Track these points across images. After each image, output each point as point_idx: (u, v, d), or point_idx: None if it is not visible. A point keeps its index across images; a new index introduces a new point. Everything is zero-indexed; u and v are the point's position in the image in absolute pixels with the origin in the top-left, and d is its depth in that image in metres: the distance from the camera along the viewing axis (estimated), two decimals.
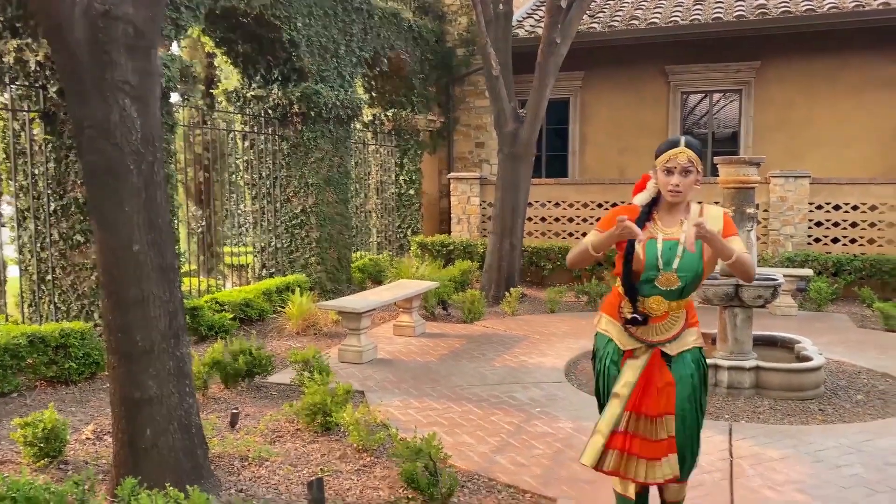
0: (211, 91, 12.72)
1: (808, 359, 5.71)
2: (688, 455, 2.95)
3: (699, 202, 3.01)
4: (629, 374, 2.89)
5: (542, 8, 13.66)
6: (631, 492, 3.04)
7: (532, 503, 3.69)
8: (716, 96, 12.68)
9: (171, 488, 2.90)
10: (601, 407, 3.03)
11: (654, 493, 3.19)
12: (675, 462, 2.88)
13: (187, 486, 2.86)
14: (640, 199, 2.92)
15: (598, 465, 2.89)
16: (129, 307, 3.50)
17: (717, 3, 12.49)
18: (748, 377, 5.49)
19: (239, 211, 12.45)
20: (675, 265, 2.80)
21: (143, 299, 3.50)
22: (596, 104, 13.15)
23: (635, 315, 2.87)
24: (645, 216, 2.88)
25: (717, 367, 5.54)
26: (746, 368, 5.49)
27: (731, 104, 12.62)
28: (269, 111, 9.45)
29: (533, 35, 12.46)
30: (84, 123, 3.41)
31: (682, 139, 2.86)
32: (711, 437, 4.53)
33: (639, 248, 2.80)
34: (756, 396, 5.48)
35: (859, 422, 4.95)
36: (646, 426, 2.85)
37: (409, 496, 3.67)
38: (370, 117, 12.69)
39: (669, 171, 2.83)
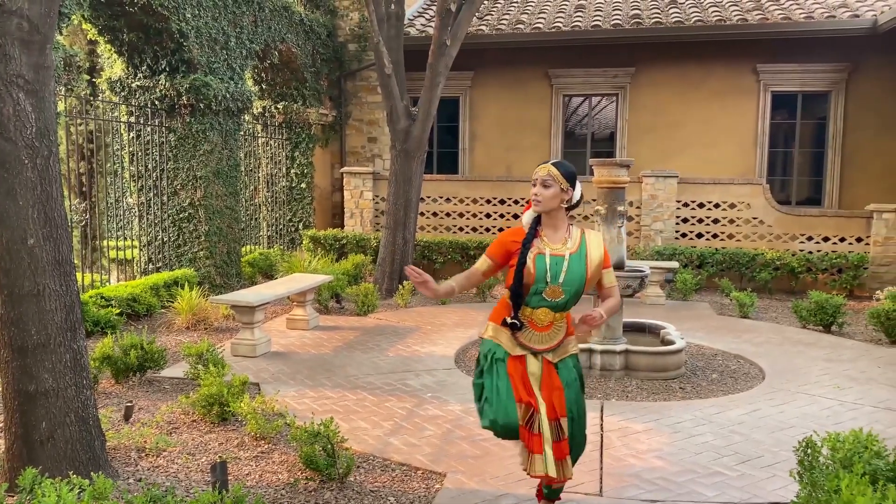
0: (93, 79, 12.22)
1: (671, 343, 6.32)
2: (580, 450, 3.31)
3: (580, 226, 3.35)
4: (535, 383, 3.19)
5: (433, 7, 14.01)
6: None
7: (423, 479, 3.98)
8: (595, 99, 13.45)
9: (75, 476, 2.97)
10: (478, 398, 3.25)
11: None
12: (569, 465, 3.18)
13: (92, 474, 2.94)
14: (526, 218, 3.29)
15: (535, 473, 3.14)
16: (24, 301, 3.50)
17: (596, 11, 13.25)
18: (619, 360, 6.03)
19: (123, 204, 12.04)
20: (561, 279, 3.14)
21: (38, 293, 3.51)
22: (485, 103, 13.63)
23: (514, 321, 3.18)
24: (532, 234, 3.22)
25: (591, 351, 6.05)
26: (617, 352, 6.03)
27: (610, 106, 13.43)
28: (157, 102, 9.25)
29: (424, 34, 12.77)
30: None
31: (552, 160, 3.28)
32: None
33: (530, 262, 3.14)
34: (626, 377, 6.02)
35: (713, 397, 5.56)
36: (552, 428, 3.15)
37: (309, 476, 3.87)
38: (260, 109, 12.59)
39: (534, 184, 3.22)
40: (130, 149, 9.50)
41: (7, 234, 3.46)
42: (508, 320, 3.19)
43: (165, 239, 9.62)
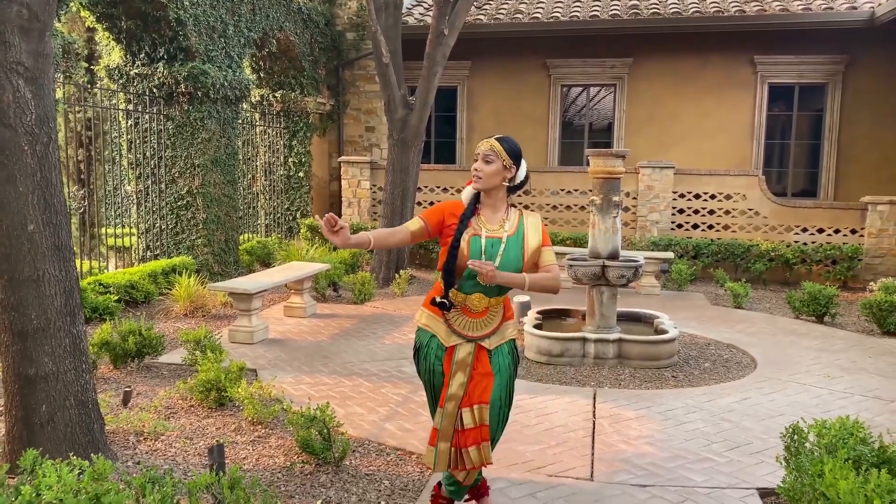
0: (91, 67, 12.22)
1: (664, 332, 6.38)
2: (496, 439, 3.13)
3: (519, 208, 3.16)
4: (461, 375, 3.02)
5: None
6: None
7: (418, 463, 4.04)
8: (593, 90, 13.46)
9: (75, 457, 3.03)
10: (432, 402, 3.15)
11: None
12: (488, 449, 3.03)
13: (92, 456, 3.00)
14: (465, 194, 3.10)
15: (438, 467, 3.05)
16: (24, 285, 3.54)
17: (594, 1, 13.24)
18: (612, 348, 6.09)
19: (121, 191, 12.07)
20: (496, 262, 2.93)
21: (38, 278, 3.56)
22: (482, 93, 13.64)
23: (443, 300, 2.99)
24: (470, 212, 3.03)
25: (584, 339, 6.12)
26: (610, 340, 6.09)
27: (607, 97, 13.45)
28: (155, 90, 9.27)
29: (422, 23, 12.77)
30: None
31: (496, 135, 3.09)
32: (577, 402, 5.06)
33: (463, 243, 2.95)
34: (619, 365, 6.09)
35: (704, 385, 5.63)
36: (467, 416, 3.01)
37: (305, 460, 3.93)
38: (258, 98, 12.60)
39: (475, 160, 3.04)
40: (128, 136, 9.52)
41: (7, 220, 3.50)
42: (437, 299, 3.02)
43: (163, 227, 9.66)
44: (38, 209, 3.54)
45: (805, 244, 10.83)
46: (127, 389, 4.94)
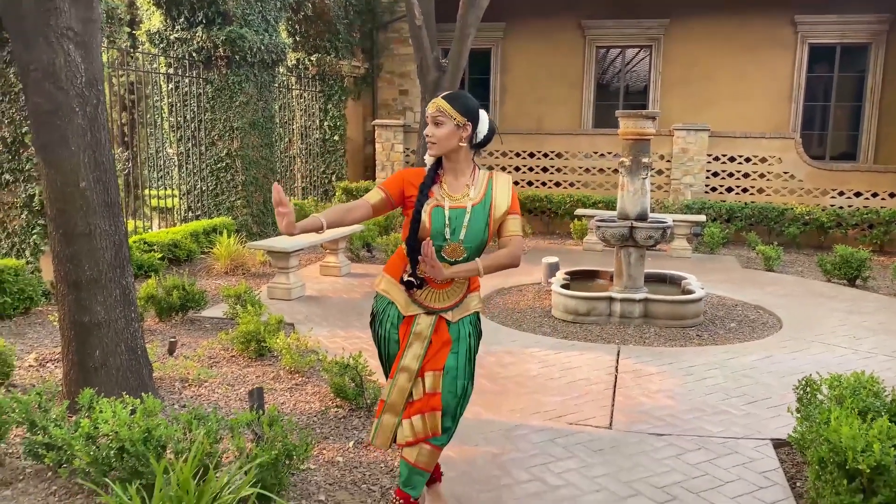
0: (133, 31, 12.49)
1: (691, 292, 6.47)
2: (455, 414, 2.87)
3: (489, 168, 2.96)
4: (417, 347, 2.82)
5: None
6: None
7: None
8: (630, 52, 13.32)
9: (127, 396, 3.30)
10: (386, 372, 2.97)
11: None
12: (438, 419, 2.80)
13: (142, 395, 3.26)
14: (428, 160, 2.86)
15: (392, 443, 2.93)
16: (77, 239, 3.80)
17: None
18: (638, 307, 6.21)
19: (163, 154, 12.42)
20: (461, 235, 2.72)
21: (90, 232, 3.81)
22: (516, 55, 13.60)
23: (411, 278, 2.79)
24: (431, 180, 2.78)
25: (611, 299, 6.24)
26: (636, 300, 6.20)
27: (644, 59, 13.30)
28: (194, 54, 9.49)
29: None
30: (30, 67, 3.64)
31: (443, 94, 2.84)
32: (601, 357, 5.22)
33: (425, 216, 2.71)
34: (645, 324, 6.21)
35: (728, 344, 5.73)
36: (422, 383, 2.83)
37: (338, 405, 4.18)
38: (294, 61, 12.77)
39: (426, 125, 2.79)
40: (169, 100, 9.79)
41: (61, 178, 3.74)
42: (405, 278, 2.81)
43: (204, 188, 9.96)
44: (89, 168, 3.77)
45: (841, 208, 10.70)
46: (172, 340, 5.24)
